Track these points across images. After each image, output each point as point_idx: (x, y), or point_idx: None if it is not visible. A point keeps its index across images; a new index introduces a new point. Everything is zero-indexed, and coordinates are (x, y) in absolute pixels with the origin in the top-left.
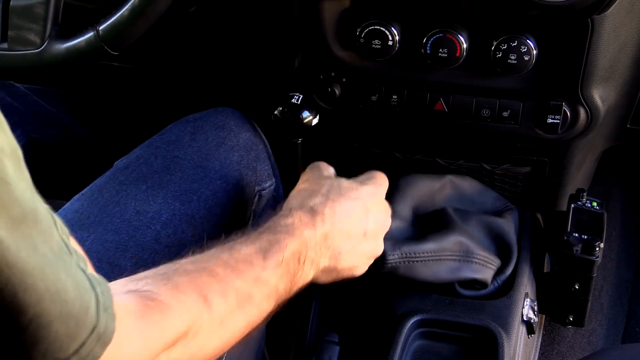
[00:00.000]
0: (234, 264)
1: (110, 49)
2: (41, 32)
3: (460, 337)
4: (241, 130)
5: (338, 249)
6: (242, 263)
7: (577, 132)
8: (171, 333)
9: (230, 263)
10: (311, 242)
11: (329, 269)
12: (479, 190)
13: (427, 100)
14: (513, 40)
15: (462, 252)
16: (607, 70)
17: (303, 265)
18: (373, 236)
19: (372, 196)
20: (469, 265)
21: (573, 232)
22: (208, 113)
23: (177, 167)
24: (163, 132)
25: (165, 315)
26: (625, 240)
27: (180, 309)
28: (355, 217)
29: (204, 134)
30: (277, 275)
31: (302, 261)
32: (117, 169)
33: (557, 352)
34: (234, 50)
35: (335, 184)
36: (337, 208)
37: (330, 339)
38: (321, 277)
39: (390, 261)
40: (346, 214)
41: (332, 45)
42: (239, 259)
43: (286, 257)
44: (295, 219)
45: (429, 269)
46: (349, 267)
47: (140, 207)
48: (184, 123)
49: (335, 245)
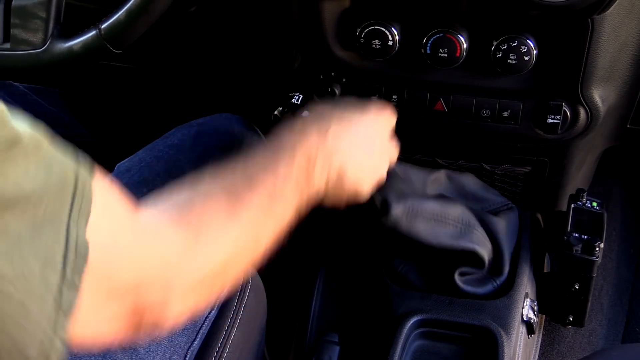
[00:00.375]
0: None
1: (113, 47)
2: (43, 32)
3: (460, 337)
4: (245, 136)
5: (344, 165)
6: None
7: (577, 132)
8: (208, 240)
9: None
10: (319, 158)
11: (335, 186)
12: (478, 186)
13: (427, 100)
14: (513, 40)
15: (464, 222)
16: (607, 70)
17: (312, 180)
18: (378, 154)
19: (379, 117)
20: (469, 236)
21: (573, 232)
22: (212, 118)
23: (179, 172)
24: (166, 135)
25: (201, 222)
26: (625, 240)
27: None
28: (362, 135)
29: (206, 139)
30: (290, 187)
31: (311, 175)
32: (119, 172)
33: (557, 352)
34: (234, 50)
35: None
36: (344, 126)
37: (330, 339)
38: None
39: (395, 211)
40: (354, 132)
41: (332, 45)
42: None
43: (296, 171)
44: (302, 137)
45: (431, 228)
46: (354, 184)
47: None
48: (188, 127)
49: (341, 161)
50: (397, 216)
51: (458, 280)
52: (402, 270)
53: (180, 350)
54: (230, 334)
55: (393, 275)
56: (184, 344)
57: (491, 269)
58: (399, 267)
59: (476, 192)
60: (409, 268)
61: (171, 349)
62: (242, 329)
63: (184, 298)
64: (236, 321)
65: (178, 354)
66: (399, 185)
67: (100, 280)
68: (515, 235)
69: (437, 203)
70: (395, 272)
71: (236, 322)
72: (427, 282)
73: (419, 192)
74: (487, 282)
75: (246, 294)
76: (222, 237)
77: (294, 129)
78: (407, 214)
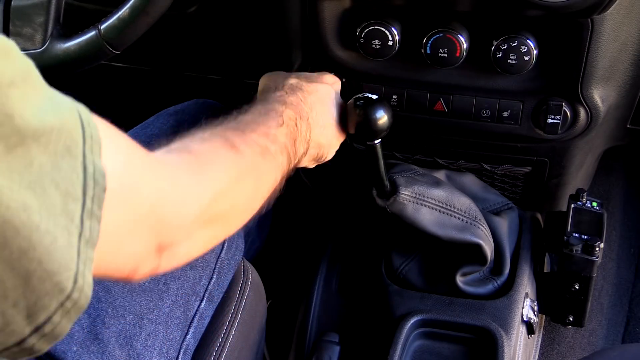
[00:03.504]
0: (243, 126)
1: (112, 47)
2: (43, 32)
3: (460, 337)
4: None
5: (322, 122)
6: (250, 123)
7: (577, 132)
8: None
9: (240, 126)
10: (302, 111)
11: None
12: (478, 186)
13: (427, 100)
14: (513, 40)
15: (470, 215)
16: (607, 70)
17: (300, 131)
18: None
19: (334, 83)
20: (474, 230)
21: (573, 232)
22: (188, 105)
23: None
24: (144, 125)
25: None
26: (625, 240)
27: (215, 156)
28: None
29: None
30: (283, 133)
31: (298, 126)
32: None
33: (557, 352)
34: (233, 50)
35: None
36: (312, 87)
37: (330, 339)
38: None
39: (403, 195)
40: (320, 93)
41: (332, 45)
42: (246, 122)
43: (285, 120)
44: (283, 92)
45: (435, 218)
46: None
47: None
48: (165, 116)
49: (318, 119)
50: (405, 199)
51: (459, 280)
52: (402, 270)
53: (175, 345)
54: (230, 333)
55: (393, 275)
56: (179, 338)
57: (491, 269)
58: (399, 266)
59: (476, 192)
60: (409, 268)
61: (167, 343)
62: (242, 328)
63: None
64: (235, 320)
65: (174, 349)
66: (407, 173)
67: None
68: (515, 235)
69: (444, 191)
70: (395, 272)
71: (235, 321)
72: (427, 282)
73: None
74: (487, 282)
75: (246, 293)
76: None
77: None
78: (413, 199)
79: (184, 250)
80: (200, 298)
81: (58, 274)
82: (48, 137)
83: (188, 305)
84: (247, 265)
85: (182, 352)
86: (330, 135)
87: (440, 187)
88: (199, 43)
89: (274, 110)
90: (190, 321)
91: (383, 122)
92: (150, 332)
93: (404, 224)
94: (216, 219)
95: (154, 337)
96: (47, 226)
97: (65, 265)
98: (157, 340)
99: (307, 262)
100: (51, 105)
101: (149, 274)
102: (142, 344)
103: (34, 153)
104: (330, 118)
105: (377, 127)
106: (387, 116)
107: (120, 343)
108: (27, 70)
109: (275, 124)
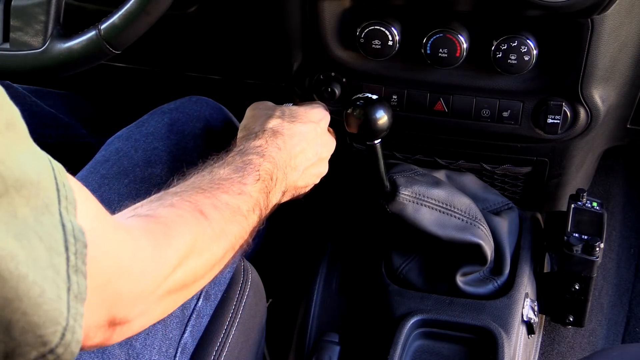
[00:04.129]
0: (217, 182)
1: (112, 47)
2: (43, 32)
3: (461, 337)
4: (216, 120)
5: (302, 166)
6: (224, 181)
7: (577, 132)
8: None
9: (213, 182)
10: (280, 162)
11: (292, 187)
12: (478, 186)
13: (427, 100)
14: (513, 40)
15: (470, 215)
16: (607, 70)
17: (275, 183)
18: (324, 158)
19: (321, 120)
20: (474, 230)
21: (573, 232)
22: (182, 103)
23: (158, 160)
24: (139, 123)
25: (170, 229)
26: (625, 240)
27: (182, 223)
28: (311, 138)
29: (180, 126)
30: (257, 189)
31: (274, 179)
32: (96, 162)
33: (557, 352)
34: (234, 50)
35: (285, 108)
36: (295, 129)
37: (330, 339)
38: (285, 196)
39: (403, 195)
40: (302, 135)
41: (332, 45)
42: (220, 177)
43: (262, 174)
44: (262, 141)
45: (436, 218)
46: (304, 186)
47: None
48: (160, 114)
49: (297, 164)
50: (405, 199)
51: (459, 280)
52: (402, 270)
53: (174, 344)
54: (230, 333)
55: (393, 275)
56: (177, 336)
57: (492, 269)
58: (399, 266)
59: (476, 192)
60: (409, 268)
61: (166, 342)
62: (242, 328)
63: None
64: (235, 320)
65: (173, 347)
66: (407, 173)
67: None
68: (515, 235)
69: (444, 191)
70: (395, 272)
71: (235, 320)
72: (427, 282)
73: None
74: (487, 282)
75: (246, 293)
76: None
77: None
78: (414, 199)
79: (138, 324)
80: (197, 296)
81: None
82: (29, 190)
83: (185, 303)
84: (247, 265)
85: (180, 350)
86: (309, 175)
87: (440, 187)
88: (199, 43)
89: (251, 164)
90: (187, 319)
91: (383, 122)
92: (149, 331)
93: (404, 224)
94: (176, 289)
95: (153, 336)
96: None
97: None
98: (156, 339)
99: (307, 262)
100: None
101: (98, 345)
102: (141, 343)
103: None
104: (313, 157)
105: (377, 127)
106: (387, 116)
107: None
108: (13, 118)
109: (251, 180)
